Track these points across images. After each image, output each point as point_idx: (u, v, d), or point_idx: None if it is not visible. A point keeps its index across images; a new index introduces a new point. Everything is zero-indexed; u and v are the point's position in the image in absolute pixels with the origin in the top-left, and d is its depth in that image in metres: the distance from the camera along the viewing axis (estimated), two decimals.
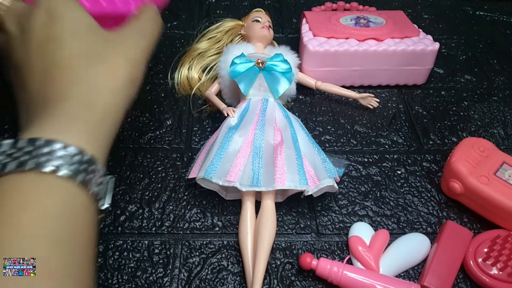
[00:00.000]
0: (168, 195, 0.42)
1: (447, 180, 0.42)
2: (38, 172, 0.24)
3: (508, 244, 0.37)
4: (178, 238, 0.39)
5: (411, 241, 0.39)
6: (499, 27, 0.66)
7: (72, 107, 0.28)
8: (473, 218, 0.42)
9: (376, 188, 0.44)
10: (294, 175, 0.39)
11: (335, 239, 0.40)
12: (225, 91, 0.49)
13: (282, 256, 0.39)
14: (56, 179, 0.25)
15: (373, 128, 0.50)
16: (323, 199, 0.43)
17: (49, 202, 0.24)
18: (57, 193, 0.25)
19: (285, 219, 0.41)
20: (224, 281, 0.37)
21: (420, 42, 0.51)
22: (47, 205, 0.24)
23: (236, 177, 0.39)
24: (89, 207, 0.26)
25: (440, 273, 0.36)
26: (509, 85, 0.56)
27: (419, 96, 0.54)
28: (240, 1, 0.68)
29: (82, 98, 0.28)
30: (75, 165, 0.25)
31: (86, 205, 0.26)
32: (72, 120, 0.27)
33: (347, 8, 0.63)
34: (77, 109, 0.28)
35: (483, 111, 0.53)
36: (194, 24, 0.60)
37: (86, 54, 0.30)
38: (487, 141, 0.43)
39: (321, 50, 0.50)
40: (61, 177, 0.25)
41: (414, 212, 0.42)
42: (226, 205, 0.42)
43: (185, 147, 0.47)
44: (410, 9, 0.68)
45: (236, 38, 0.54)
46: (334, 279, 0.35)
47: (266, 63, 0.46)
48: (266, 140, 0.41)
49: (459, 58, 0.60)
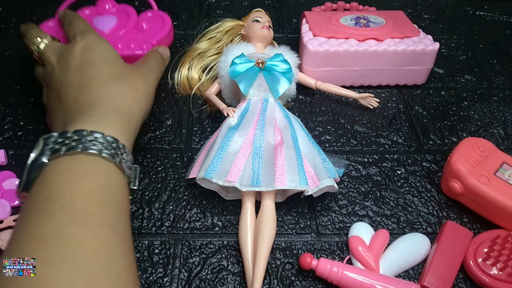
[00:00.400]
0: (168, 195, 0.42)
1: (447, 180, 0.42)
2: (86, 153, 0.30)
3: (508, 244, 0.37)
4: (178, 238, 0.39)
5: (411, 241, 0.39)
6: (499, 27, 0.66)
7: (104, 108, 0.35)
8: (473, 218, 0.42)
9: (376, 188, 0.44)
10: (294, 175, 0.39)
11: (335, 239, 0.40)
12: (225, 91, 0.49)
13: (282, 256, 0.39)
14: (100, 159, 0.31)
15: (373, 128, 0.50)
16: (323, 199, 0.43)
17: (97, 176, 0.30)
18: (102, 169, 0.31)
19: (285, 219, 0.41)
20: (224, 281, 0.37)
21: (420, 42, 0.51)
22: (96, 178, 0.30)
23: (236, 177, 0.39)
24: (125, 184, 0.33)
25: (440, 273, 0.36)
26: (509, 85, 0.56)
27: (419, 96, 0.54)
28: (240, 1, 0.68)
29: (111, 102, 0.36)
30: (113, 150, 0.32)
31: (123, 181, 0.33)
32: (105, 117, 0.34)
33: (347, 8, 0.63)
34: (108, 110, 0.35)
35: (483, 111, 0.53)
36: (194, 24, 0.60)
37: (112, 73, 0.38)
38: (487, 141, 0.43)
39: (321, 50, 0.50)
40: (103, 158, 0.31)
41: (414, 212, 0.42)
42: (226, 205, 0.42)
43: (185, 147, 0.47)
44: (410, 9, 0.68)
45: (236, 38, 0.54)
46: (334, 279, 0.35)
47: (266, 63, 0.46)
48: (266, 140, 0.41)
49: (459, 58, 0.60)
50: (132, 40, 0.49)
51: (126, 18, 0.52)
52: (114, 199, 0.30)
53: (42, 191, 0.29)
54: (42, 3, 0.65)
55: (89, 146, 0.31)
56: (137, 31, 0.50)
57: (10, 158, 0.45)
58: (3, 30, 0.61)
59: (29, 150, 0.30)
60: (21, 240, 0.27)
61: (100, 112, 0.34)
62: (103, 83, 0.37)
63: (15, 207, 0.41)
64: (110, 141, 0.32)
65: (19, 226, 0.28)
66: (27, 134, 0.47)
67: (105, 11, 0.53)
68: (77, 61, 0.38)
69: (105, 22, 0.51)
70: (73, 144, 0.31)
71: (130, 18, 0.52)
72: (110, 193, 0.30)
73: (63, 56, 0.40)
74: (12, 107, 0.50)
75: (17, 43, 0.58)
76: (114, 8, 0.53)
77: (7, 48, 0.58)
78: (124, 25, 0.51)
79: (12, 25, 0.61)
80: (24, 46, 0.44)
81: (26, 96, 0.51)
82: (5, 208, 0.40)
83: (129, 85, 0.38)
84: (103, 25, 0.51)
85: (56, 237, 0.26)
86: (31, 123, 0.48)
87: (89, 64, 0.38)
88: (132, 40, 0.49)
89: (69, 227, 0.27)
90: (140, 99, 0.39)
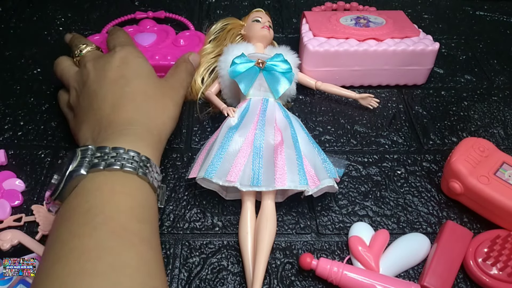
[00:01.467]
0: (168, 195, 0.42)
1: (447, 180, 0.42)
2: (124, 171, 0.32)
3: (508, 244, 0.37)
4: (178, 238, 0.39)
5: (411, 241, 0.39)
6: (499, 27, 0.66)
7: (137, 129, 0.37)
8: (473, 218, 0.42)
9: (376, 188, 0.44)
10: (294, 175, 0.39)
11: (335, 239, 0.40)
12: (225, 91, 0.49)
13: (282, 256, 0.39)
14: (136, 178, 0.33)
15: (373, 128, 0.50)
16: (323, 199, 0.43)
17: (135, 193, 0.32)
18: (139, 187, 0.33)
19: (285, 219, 0.41)
20: (224, 281, 0.37)
21: (420, 42, 0.51)
22: (134, 195, 0.32)
23: (236, 177, 0.39)
24: (156, 201, 0.35)
25: (440, 273, 0.36)
26: (509, 85, 0.56)
27: (419, 96, 0.54)
28: (240, 1, 0.68)
29: (143, 125, 0.37)
30: (147, 169, 0.34)
31: (155, 199, 0.35)
32: (138, 138, 0.36)
33: (347, 8, 0.63)
34: (141, 131, 0.37)
35: (483, 111, 0.53)
36: (194, 24, 0.60)
37: (145, 92, 0.40)
38: (487, 141, 0.43)
39: (321, 50, 0.50)
40: (139, 176, 0.33)
41: (414, 212, 0.42)
42: (226, 205, 0.42)
43: (185, 147, 0.47)
44: (410, 9, 0.68)
45: (236, 38, 0.54)
46: (334, 279, 0.35)
47: (266, 63, 0.46)
48: (266, 140, 0.41)
49: (459, 58, 0.60)
50: (169, 53, 0.52)
51: (165, 35, 0.56)
52: (150, 216, 0.32)
53: (82, 203, 0.30)
54: (42, 3, 0.65)
55: (127, 164, 0.32)
56: (174, 46, 0.54)
57: (10, 158, 0.45)
58: (3, 30, 0.61)
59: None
60: (64, 251, 0.27)
61: (133, 132, 0.36)
62: (135, 102, 0.39)
63: (15, 207, 0.41)
64: (145, 161, 0.34)
65: (58, 236, 0.29)
66: (27, 134, 0.47)
67: (147, 30, 0.58)
68: (113, 73, 0.40)
69: (145, 38, 0.55)
70: (112, 160, 0.32)
71: (169, 35, 0.56)
72: (147, 211, 0.32)
73: (101, 63, 0.41)
74: (12, 107, 0.50)
75: (17, 43, 0.58)
76: (155, 27, 0.58)
77: (7, 48, 0.58)
78: (163, 41, 0.55)
79: (12, 25, 0.61)
80: (23, 47, 0.44)
81: (26, 96, 0.51)
82: (5, 208, 0.40)
83: (159, 107, 0.40)
84: (143, 40, 0.55)
85: (99, 250, 0.27)
86: (31, 123, 0.48)
87: (124, 80, 0.40)
88: (169, 53, 0.52)
89: (110, 241, 0.28)
90: (168, 122, 0.41)
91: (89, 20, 0.63)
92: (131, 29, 0.57)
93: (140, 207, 0.32)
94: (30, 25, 0.62)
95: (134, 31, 0.57)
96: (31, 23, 0.62)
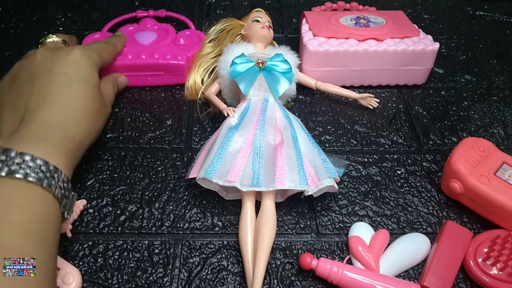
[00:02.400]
0: (168, 195, 0.42)
1: (447, 180, 0.42)
2: (26, 180, 0.30)
3: (508, 244, 0.37)
4: (178, 238, 0.39)
5: (411, 241, 0.39)
6: (499, 27, 0.66)
7: (59, 136, 0.35)
8: (473, 218, 0.42)
9: (376, 188, 0.44)
10: (294, 175, 0.39)
11: (335, 239, 0.40)
12: (225, 91, 0.49)
13: (282, 256, 0.39)
14: (39, 189, 0.31)
15: (373, 128, 0.50)
16: (323, 199, 0.43)
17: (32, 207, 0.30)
18: (39, 199, 0.31)
19: (285, 219, 0.41)
20: (224, 281, 0.37)
21: (420, 42, 0.51)
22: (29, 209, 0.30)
23: (236, 177, 0.39)
24: (59, 213, 0.33)
25: (440, 273, 0.36)
26: (509, 85, 0.56)
27: (419, 96, 0.54)
28: (240, 1, 0.68)
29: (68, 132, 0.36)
30: (53, 180, 0.32)
31: (58, 211, 0.32)
32: (55, 145, 0.34)
33: (347, 8, 0.63)
34: (62, 139, 0.35)
35: (483, 111, 0.53)
36: (194, 24, 0.60)
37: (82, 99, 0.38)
38: (487, 141, 0.43)
39: (321, 50, 0.50)
40: (43, 188, 0.31)
41: (414, 212, 0.42)
42: (226, 205, 0.42)
43: (185, 147, 0.47)
44: (410, 9, 0.68)
45: (236, 38, 0.54)
46: (334, 279, 0.36)
47: (266, 63, 0.46)
48: (266, 140, 0.41)
49: (459, 58, 0.60)
50: (168, 52, 0.52)
51: (165, 34, 0.56)
52: (41, 230, 0.30)
53: None
54: (42, 3, 0.65)
55: (31, 173, 0.30)
56: (174, 45, 0.54)
57: None
58: (3, 30, 0.61)
59: None
60: None
61: (51, 137, 0.34)
62: (67, 106, 0.37)
63: None
64: (52, 171, 0.32)
65: None
66: None
67: (147, 29, 0.57)
68: (57, 67, 0.38)
69: (145, 36, 0.55)
70: (16, 167, 0.30)
71: (169, 34, 0.56)
72: (39, 224, 0.30)
73: (52, 53, 0.39)
74: None
75: (17, 43, 0.58)
76: (155, 26, 0.58)
77: (7, 48, 0.58)
78: (163, 39, 0.55)
79: (12, 25, 0.61)
80: (23, 47, 0.45)
81: None
82: None
83: (91, 118, 0.39)
84: (143, 39, 0.54)
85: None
86: None
87: (65, 78, 0.38)
88: (168, 52, 0.52)
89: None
90: (94, 134, 0.39)
91: (89, 20, 0.63)
92: (132, 28, 0.57)
93: (31, 221, 0.29)
94: (30, 25, 0.62)
95: (134, 29, 0.57)
96: (31, 23, 0.62)
